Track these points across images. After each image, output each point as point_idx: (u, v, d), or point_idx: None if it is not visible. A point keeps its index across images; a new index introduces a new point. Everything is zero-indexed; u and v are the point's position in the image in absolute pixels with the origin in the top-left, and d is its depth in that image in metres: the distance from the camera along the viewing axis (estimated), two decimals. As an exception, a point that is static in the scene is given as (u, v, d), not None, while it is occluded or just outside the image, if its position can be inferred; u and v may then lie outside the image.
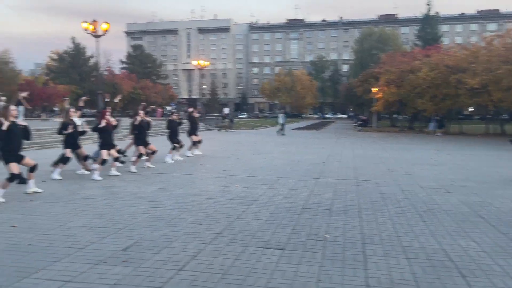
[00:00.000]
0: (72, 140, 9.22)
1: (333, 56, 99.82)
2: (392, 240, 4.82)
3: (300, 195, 7.34)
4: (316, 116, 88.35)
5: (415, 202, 6.89)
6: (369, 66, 47.41)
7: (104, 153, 9.15)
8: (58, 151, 10.29)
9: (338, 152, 15.73)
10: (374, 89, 34.69)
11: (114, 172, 9.47)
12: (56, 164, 9.00)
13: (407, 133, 30.96)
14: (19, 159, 6.87)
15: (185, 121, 15.02)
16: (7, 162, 6.71)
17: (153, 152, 10.98)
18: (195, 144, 13.97)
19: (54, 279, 3.60)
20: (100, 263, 3.97)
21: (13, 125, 6.76)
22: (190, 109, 14.77)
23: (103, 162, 9.11)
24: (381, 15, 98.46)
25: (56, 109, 56.43)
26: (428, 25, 53.25)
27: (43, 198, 6.94)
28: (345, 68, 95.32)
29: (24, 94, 9.42)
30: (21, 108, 15.12)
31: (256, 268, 3.90)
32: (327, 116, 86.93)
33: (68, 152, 9.12)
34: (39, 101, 56.02)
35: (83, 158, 9.60)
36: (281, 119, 28.48)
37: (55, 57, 75.37)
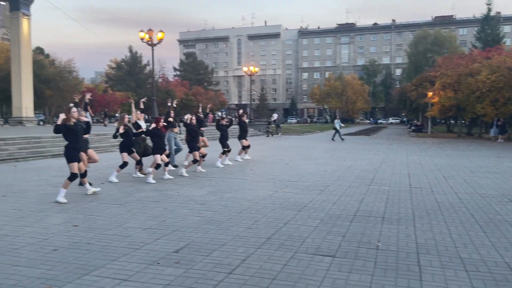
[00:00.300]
0: (128, 144, 9.61)
1: (385, 60, 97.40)
2: (450, 251, 4.60)
3: (350, 202, 7.20)
4: (368, 121, 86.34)
5: (474, 211, 6.54)
6: (423, 69, 45.78)
7: (158, 158, 9.45)
8: (116, 155, 10.77)
9: (391, 158, 15.28)
10: (429, 93, 33.38)
11: (167, 176, 9.77)
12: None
13: (465, 139, 29.47)
14: (79, 161, 7.29)
15: (235, 125, 15.26)
16: (69, 161, 7.11)
17: (203, 156, 11.24)
18: (244, 148, 14.11)
19: (112, 277, 3.76)
20: (154, 264, 4.11)
21: (75, 125, 7.17)
22: (240, 111, 14.97)
23: (158, 166, 9.41)
24: (437, 17, 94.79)
25: (117, 115, 59.08)
26: (488, 26, 50.54)
27: (102, 200, 7.29)
28: (398, 72, 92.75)
29: (88, 95, 10.08)
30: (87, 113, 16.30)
31: (306, 274, 3.86)
32: (380, 121, 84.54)
33: (125, 157, 9.52)
34: (99, 107, 59.07)
35: (137, 162, 9.98)
36: (337, 125, 27.69)
37: (114, 65, 79.23)
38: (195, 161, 10.66)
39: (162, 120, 9.96)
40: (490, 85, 26.35)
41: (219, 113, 71.62)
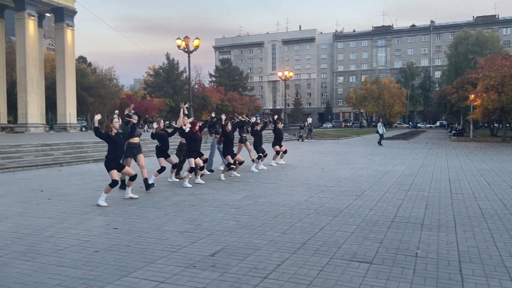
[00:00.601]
0: (164, 148, 9.81)
1: (424, 63, 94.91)
2: (494, 259, 4.41)
3: (388, 208, 7.04)
4: (406, 125, 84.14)
5: (521, 219, 6.23)
6: (464, 71, 44.27)
7: (192, 161, 9.59)
8: (153, 159, 11.02)
9: (430, 163, 14.83)
10: (471, 96, 32.20)
11: (199, 180, 9.91)
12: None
13: (510, 144, 28.17)
14: (120, 168, 7.49)
15: (269, 129, 15.35)
16: (108, 170, 7.35)
17: (240, 163, 11.31)
18: (279, 153, 14.12)
19: (150, 279, 3.85)
20: (190, 267, 4.17)
21: (116, 136, 7.41)
22: (275, 117, 15.07)
23: (192, 170, 9.56)
24: (478, 17, 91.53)
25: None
26: (535, 25, 48.26)
27: (140, 203, 7.48)
28: (437, 74, 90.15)
29: (131, 107, 10.46)
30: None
31: (342, 281, 3.81)
32: (419, 125, 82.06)
33: (162, 161, 9.71)
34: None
35: (173, 166, 10.17)
36: (380, 129, 26.29)
37: (152, 72, 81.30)
38: (228, 165, 10.75)
39: (198, 124, 10.11)
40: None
41: (254, 118, 71.92)
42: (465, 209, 6.93)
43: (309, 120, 40.42)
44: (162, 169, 9.54)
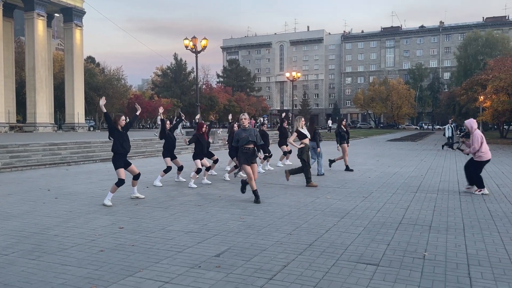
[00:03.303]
0: (171, 148, 9.82)
1: (432, 64, 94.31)
2: (504, 262, 4.33)
3: (395, 210, 6.97)
4: (415, 127, 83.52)
5: (531, 222, 6.13)
6: (474, 72, 43.92)
7: (198, 162, 9.59)
8: (160, 159, 11.03)
9: (439, 164, 14.69)
10: (481, 98, 31.89)
11: (206, 180, 9.90)
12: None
13: (520, 146, 27.85)
14: (127, 165, 7.50)
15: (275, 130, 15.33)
16: (116, 167, 7.36)
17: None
18: (286, 154, 14.06)
19: (155, 279, 3.83)
20: (195, 267, 4.15)
21: (123, 133, 7.41)
22: (283, 115, 14.96)
23: (199, 171, 9.55)
24: (488, 18, 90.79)
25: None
26: (546, 25, 47.75)
27: (146, 203, 7.48)
28: (446, 75, 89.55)
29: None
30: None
31: (348, 283, 3.76)
32: (429, 126, 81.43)
33: (168, 161, 9.73)
34: (145, 113, 60.96)
35: (179, 168, 10.16)
36: (448, 131, 23.63)
37: (160, 72, 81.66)
38: (236, 166, 10.73)
39: (205, 126, 10.09)
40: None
41: (261, 119, 72.01)
42: (474, 211, 6.83)
43: (329, 122, 40.24)
44: (168, 169, 9.55)
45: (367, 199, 7.90)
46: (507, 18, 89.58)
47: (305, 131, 9.77)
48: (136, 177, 7.74)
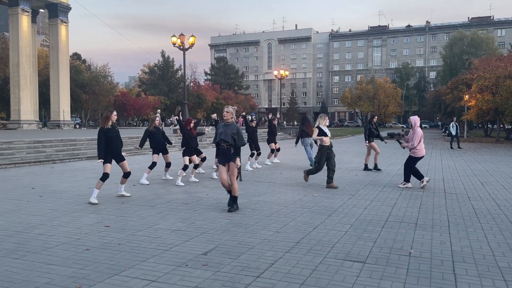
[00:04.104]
0: (157, 145, 9.75)
1: (419, 63, 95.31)
2: (487, 259, 4.40)
3: (382, 207, 7.03)
4: (402, 125, 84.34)
5: (514, 219, 6.24)
6: (459, 72, 44.50)
7: (186, 159, 9.56)
8: (148, 157, 10.95)
9: (425, 163, 14.85)
10: (466, 97, 32.32)
11: (193, 178, 9.86)
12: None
13: (504, 144, 28.32)
14: (118, 159, 7.48)
15: (263, 128, 15.30)
16: (105, 161, 7.28)
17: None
18: (274, 152, 14.06)
19: (141, 277, 3.80)
20: (182, 266, 4.12)
21: (111, 129, 7.34)
22: (270, 116, 14.89)
23: (185, 167, 9.51)
24: (473, 18, 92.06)
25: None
26: (529, 26, 48.58)
27: (133, 201, 7.42)
28: (432, 75, 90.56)
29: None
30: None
31: (335, 280, 3.78)
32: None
33: (155, 157, 9.70)
34: (132, 111, 60.43)
35: (167, 164, 10.11)
36: (453, 129, 22.89)
37: (147, 70, 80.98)
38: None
39: (193, 122, 10.06)
40: (531, 88, 25.28)
41: (249, 117, 72.00)
42: (459, 209, 6.93)
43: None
44: (153, 165, 9.54)
45: (354, 197, 7.95)
46: (492, 18, 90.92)
47: (326, 129, 9.33)
48: (126, 175, 7.68)
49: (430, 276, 3.89)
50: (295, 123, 56.90)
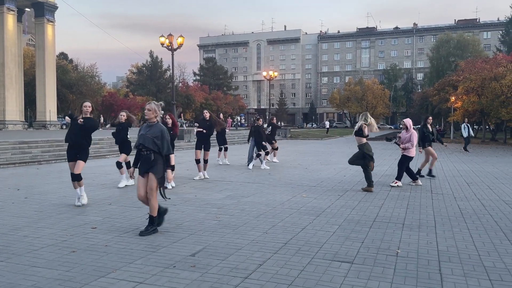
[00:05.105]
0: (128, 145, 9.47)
1: (406, 64, 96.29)
2: (473, 259, 4.45)
3: (370, 208, 7.08)
4: (389, 126, 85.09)
5: (499, 219, 6.33)
6: (446, 74, 45.05)
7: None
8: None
9: (412, 164, 14.95)
10: (452, 98, 32.72)
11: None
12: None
13: (489, 145, 28.76)
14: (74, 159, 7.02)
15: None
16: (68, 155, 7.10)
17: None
18: (268, 153, 14.17)
19: (128, 279, 3.76)
20: (170, 267, 4.10)
21: (77, 123, 6.88)
22: (258, 117, 15.04)
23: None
24: (460, 20, 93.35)
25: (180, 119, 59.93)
26: (514, 29, 49.42)
27: (120, 202, 7.35)
28: (419, 76, 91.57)
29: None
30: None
31: (323, 280, 3.79)
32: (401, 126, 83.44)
33: (123, 158, 9.35)
34: (119, 111, 59.90)
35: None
36: (465, 131, 21.49)
37: (135, 70, 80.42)
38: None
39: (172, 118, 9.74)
40: (515, 90, 25.70)
41: (238, 118, 71.92)
42: (445, 209, 7.01)
43: (327, 124, 40.75)
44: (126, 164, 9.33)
45: (342, 197, 7.99)
46: (477, 20, 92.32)
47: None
48: (72, 176, 6.96)
49: (416, 276, 3.92)
50: (281, 124, 57.31)
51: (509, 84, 25.92)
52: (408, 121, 9.78)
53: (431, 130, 11.28)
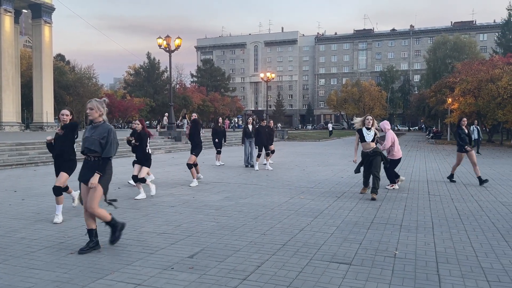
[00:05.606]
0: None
1: (403, 66, 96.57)
2: (470, 260, 4.47)
3: (367, 209, 7.09)
4: None
5: (496, 220, 6.35)
6: (442, 75, 45.22)
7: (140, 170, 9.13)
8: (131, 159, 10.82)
9: (409, 165, 15.03)
10: (449, 100, 32.85)
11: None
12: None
13: (486, 146, 28.84)
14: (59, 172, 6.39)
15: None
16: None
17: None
18: (268, 154, 14.19)
19: (126, 281, 3.75)
20: (168, 269, 4.09)
21: (58, 134, 6.20)
22: (250, 119, 15.14)
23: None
24: (456, 22, 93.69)
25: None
26: (509, 31, 49.71)
27: (118, 204, 7.31)
28: (416, 78, 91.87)
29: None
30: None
31: (321, 282, 3.79)
32: (399, 128, 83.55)
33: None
34: (117, 113, 59.82)
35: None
36: (475, 133, 20.29)
37: (132, 71, 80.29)
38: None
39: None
40: (511, 91, 25.81)
41: (235, 119, 71.91)
42: (443, 211, 7.02)
43: (330, 126, 40.95)
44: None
45: (340, 199, 8.00)
46: (474, 22, 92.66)
47: (366, 132, 8.46)
48: (53, 189, 6.20)
49: (414, 277, 3.93)
50: (279, 126, 57.43)
51: (505, 86, 26.05)
52: (382, 124, 9.86)
53: (466, 132, 10.69)
